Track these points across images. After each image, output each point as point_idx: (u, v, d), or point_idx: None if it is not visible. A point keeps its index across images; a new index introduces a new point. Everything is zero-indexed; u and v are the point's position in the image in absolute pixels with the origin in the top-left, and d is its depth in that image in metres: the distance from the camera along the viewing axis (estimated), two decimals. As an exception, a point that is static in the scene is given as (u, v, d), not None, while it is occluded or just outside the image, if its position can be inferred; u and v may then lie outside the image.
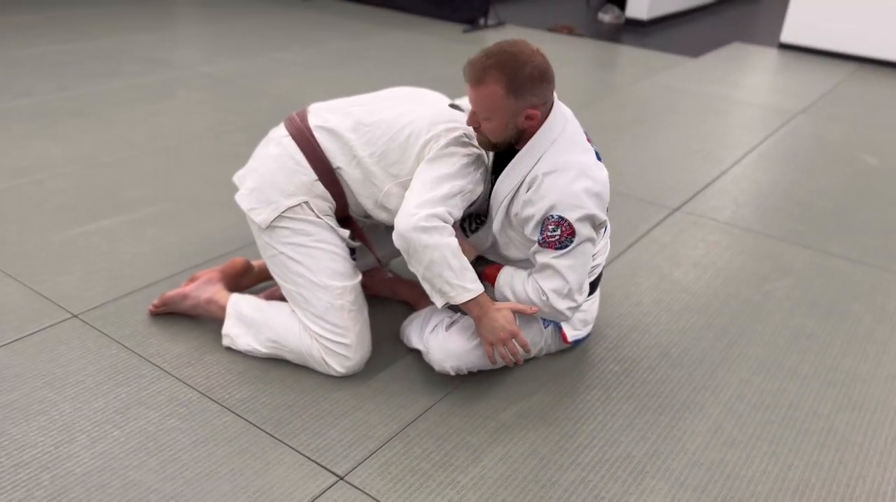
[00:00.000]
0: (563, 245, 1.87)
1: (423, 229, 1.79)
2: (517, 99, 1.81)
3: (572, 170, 1.86)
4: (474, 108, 1.85)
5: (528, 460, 1.81)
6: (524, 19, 7.19)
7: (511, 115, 1.83)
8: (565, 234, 1.86)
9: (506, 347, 1.91)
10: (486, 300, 1.89)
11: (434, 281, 1.85)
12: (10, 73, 4.41)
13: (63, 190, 2.99)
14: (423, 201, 1.82)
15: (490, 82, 1.79)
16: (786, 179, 3.66)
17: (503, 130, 1.87)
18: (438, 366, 1.99)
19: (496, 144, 1.91)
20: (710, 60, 6.05)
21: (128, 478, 1.66)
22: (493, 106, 1.82)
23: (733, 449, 1.90)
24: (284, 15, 6.59)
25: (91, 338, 2.12)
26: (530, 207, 1.88)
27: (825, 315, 2.52)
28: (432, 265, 1.82)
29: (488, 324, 1.88)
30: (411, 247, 1.82)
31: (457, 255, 1.83)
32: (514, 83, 1.79)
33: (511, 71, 1.78)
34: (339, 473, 1.73)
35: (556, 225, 1.85)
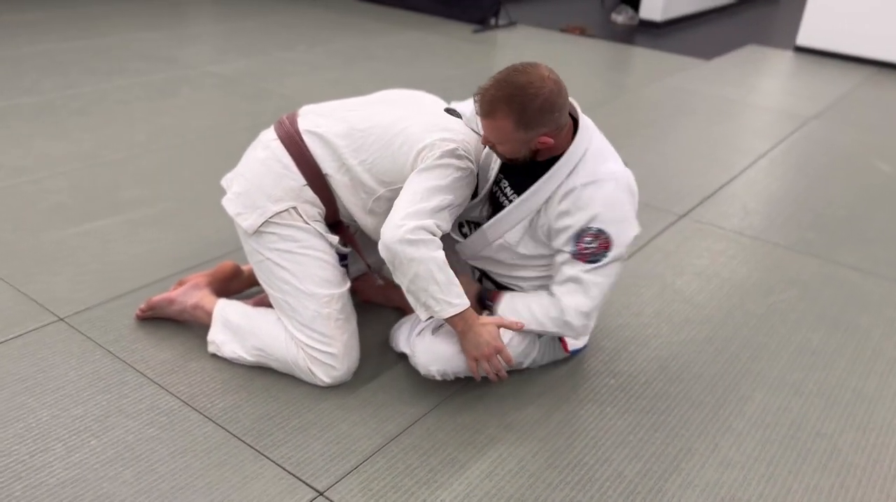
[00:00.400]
0: (595, 259, 1.84)
1: (409, 242, 1.74)
2: (527, 131, 1.77)
3: (612, 181, 1.84)
4: (486, 135, 1.82)
5: (516, 477, 1.75)
6: (536, 19, 7.12)
7: (523, 143, 1.80)
8: (601, 248, 1.83)
9: (490, 363, 1.85)
10: (472, 315, 1.84)
11: (419, 294, 1.80)
12: (15, 71, 4.41)
13: (60, 189, 2.97)
14: (412, 212, 1.77)
15: (499, 116, 1.75)
16: (797, 186, 3.58)
17: (517, 153, 1.84)
18: (424, 370, 1.94)
19: (513, 160, 1.87)
20: (723, 63, 5.95)
21: (101, 491, 1.62)
22: (503, 138, 1.79)
23: (729, 470, 1.83)
24: (293, 14, 6.56)
25: (76, 342, 2.08)
26: (567, 218, 1.83)
27: (832, 328, 2.44)
28: (417, 279, 1.77)
29: (473, 339, 1.83)
30: (396, 259, 1.77)
31: (442, 269, 1.77)
32: (524, 118, 1.74)
33: (520, 105, 1.73)
34: (319, 488, 1.68)
35: (593, 237, 1.82)
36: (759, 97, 5.05)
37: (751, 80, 5.48)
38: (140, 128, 3.65)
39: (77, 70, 4.50)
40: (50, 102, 3.92)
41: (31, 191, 2.93)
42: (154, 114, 3.87)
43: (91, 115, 3.78)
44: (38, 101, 3.92)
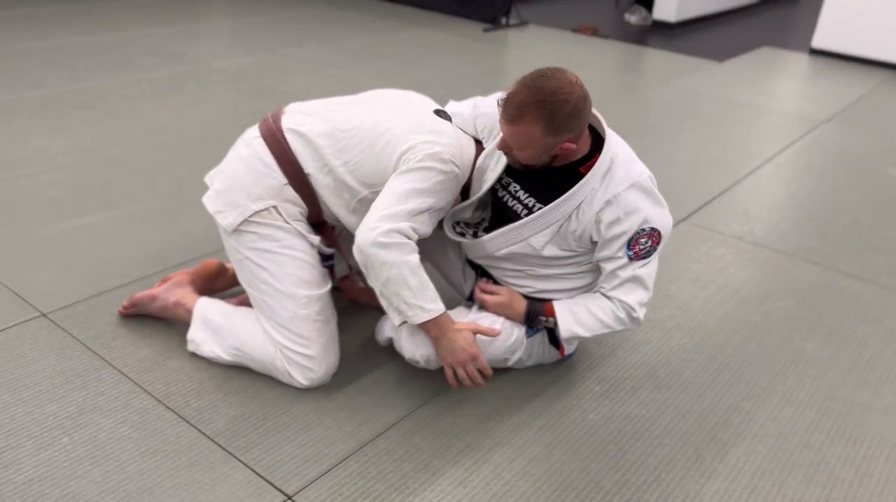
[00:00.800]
0: (647, 254, 1.87)
1: (381, 245, 1.72)
2: (555, 137, 1.74)
3: (646, 181, 1.84)
4: (508, 140, 1.78)
5: (490, 485, 1.72)
6: (548, 19, 7.07)
7: (547, 149, 1.77)
8: (654, 244, 1.86)
9: (466, 370, 1.82)
10: (446, 320, 1.81)
11: (391, 299, 1.77)
12: (24, 64, 4.43)
13: (56, 183, 2.97)
14: (387, 215, 1.74)
15: (528, 122, 1.71)
16: (802, 191, 3.51)
17: (537, 160, 1.81)
18: (409, 355, 1.91)
19: (529, 167, 1.84)
20: (735, 65, 5.87)
21: (68, 489, 1.61)
22: (528, 144, 1.75)
23: (711, 481, 1.78)
24: (303, 10, 6.55)
25: (56, 338, 2.07)
26: (618, 226, 1.81)
27: (827, 338, 2.38)
28: (389, 283, 1.75)
29: (447, 345, 1.80)
30: (369, 262, 1.75)
31: (416, 274, 1.75)
32: (553, 124, 1.71)
33: (550, 112, 1.69)
34: (289, 492, 1.65)
35: (648, 237, 1.84)
36: (771, 100, 4.98)
37: (763, 83, 5.40)
38: (141, 124, 3.65)
39: (84, 65, 4.52)
40: (54, 96, 3.93)
41: (27, 186, 2.93)
42: (156, 110, 3.87)
43: (93, 110, 3.79)
44: (42, 95, 3.94)
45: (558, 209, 1.84)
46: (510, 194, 1.93)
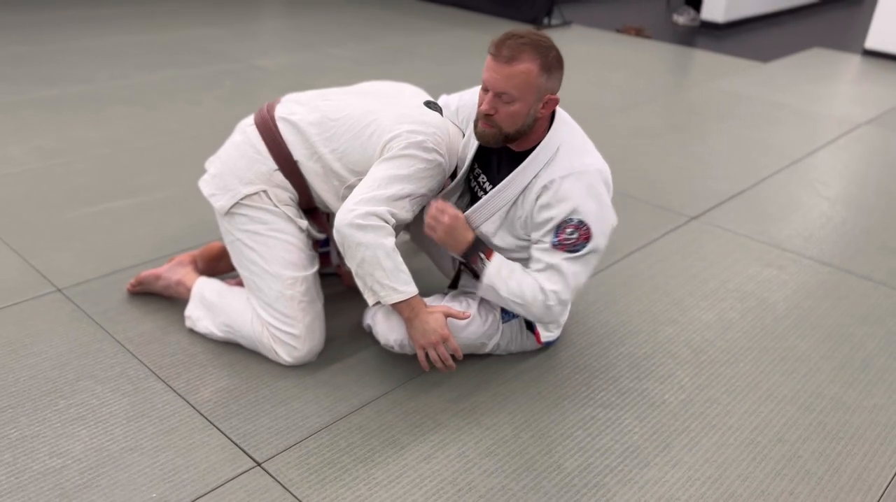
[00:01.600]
0: (576, 249, 1.85)
1: (358, 226, 1.79)
2: (547, 79, 1.79)
3: (590, 175, 1.84)
4: (501, 88, 1.77)
5: (453, 462, 1.77)
6: (593, 20, 7.05)
7: (537, 96, 1.79)
8: (581, 238, 1.84)
9: (437, 351, 1.88)
10: (418, 302, 1.87)
11: (365, 278, 1.85)
12: (78, 61, 4.68)
13: (87, 171, 3.15)
14: (366, 198, 1.82)
15: (526, 59, 1.75)
16: (826, 192, 3.44)
17: (524, 117, 1.81)
18: (383, 339, 1.98)
19: (508, 135, 1.83)
20: (780, 66, 5.76)
21: (57, 446, 1.74)
22: (525, 84, 1.77)
23: (676, 469, 1.80)
24: (349, 13, 6.71)
25: (66, 311, 2.22)
26: (547, 211, 1.84)
27: (824, 337, 2.35)
28: (364, 263, 1.82)
29: (419, 327, 1.86)
30: (346, 242, 1.82)
31: (390, 256, 1.82)
32: (547, 63, 1.78)
33: (544, 51, 1.77)
34: (258, 459, 1.74)
35: (574, 228, 1.84)
36: (811, 102, 4.87)
37: (806, 85, 5.28)
38: (174, 118, 3.83)
39: (132, 62, 4.74)
40: (99, 91, 4.15)
41: (60, 173, 3.12)
42: (192, 104, 4.05)
43: (133, 105, 3.98)
44: (87, 90, 4.16)
45: (501, 194, 1.88)
46: (479, 184, 1.99)
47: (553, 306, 1.88)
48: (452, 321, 1.95)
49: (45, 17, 5.73)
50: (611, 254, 2.76)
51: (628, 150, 3.81)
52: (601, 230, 1.86)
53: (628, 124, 4.20)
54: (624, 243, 2.85)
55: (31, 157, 3.25)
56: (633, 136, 4.01)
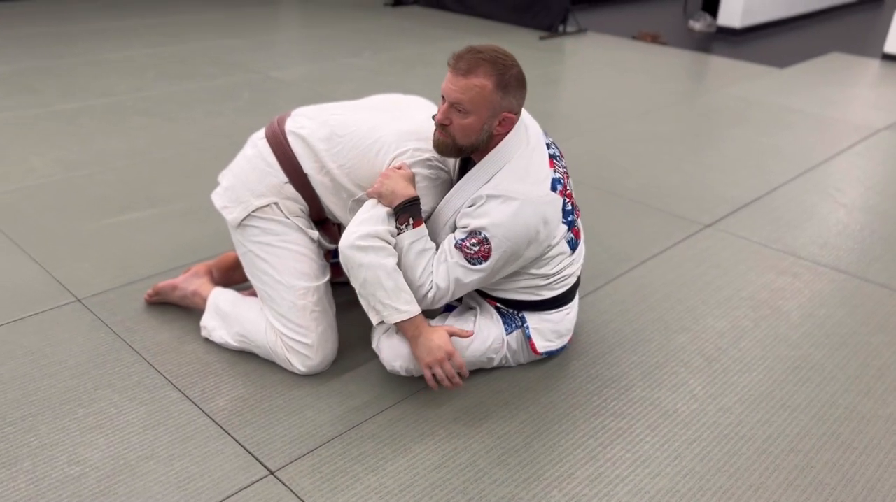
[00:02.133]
0: (472, 261, 1.88)
1: (358, 248, 1.83)
2: (502, 97, 1.82)
3: (516, 202, 1.85)
4: (455, 98, 1.82)
5: (464, 471, 1.79)
6: (608, 27, 7.05)
7: (491, 113, 1.83)
8: (480, 254, 1.87)
9: (443, 368, 1.90)
10: (422, 321, 1.90)
11: (368, 299, 1.89)
12: (98, 73, 4.76)
13: (108, 183, 3.21)
14: (366, 218, 1.86)
15: (481, 73, 1.79)
16: (843, 199, 3.42)
17: (478, 131, 1.85)
18: (388, 366, 2.00)
19: (462, 148, 1.88)
20: (797, 71, 5.72)
21: (75, 455, 1.77)
22: (478, 98, 1.80)
23: (686, 479, 1.80)
24: (366, 22, 6.76)
25: (86, 321, 2.26)
26: (467, 218, 1.88)
27: (838, 346, 2.34)
28: (366, 284, 1.86)
29: (424, 345, 1.89)
30: (348, 263, 1.87)
31: (391, 276, 1.85)
32: (503, 80, 1.81)
33: (501, 68, 1.81)
34: (272, 468, 1.77)
35: (479, 242, 1.86)
36: (827, 107, 4.84)
37: (823, 90, 5.25)
38: (193, 129, 3.88)
39: (152, 74, 4.82)
40: (119, 103, 4.22)
41: (82, 184, 3.18)
42: (210, 115, 4.10)
43: (153, 116, 4.05)
44: (109, 102, 4.23)
45: (446, 207, 1.93)
46: None
47: (428, 295, 1.92)
48: (458, 342, 1.98)
49: (64, 30, 5.83)
50: (624, 261, 2.77)
51: (643, 157, 3.81)
52: (502, 255, 1.87)
53: (643, 131, 4.20)
54: (637, 251, 2.85)
55: (52, 169, 3.31)
56: (647, 143, 4.01)
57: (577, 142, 4.00)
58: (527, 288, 2.02)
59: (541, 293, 2.03)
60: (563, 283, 2.05)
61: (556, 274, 2.01)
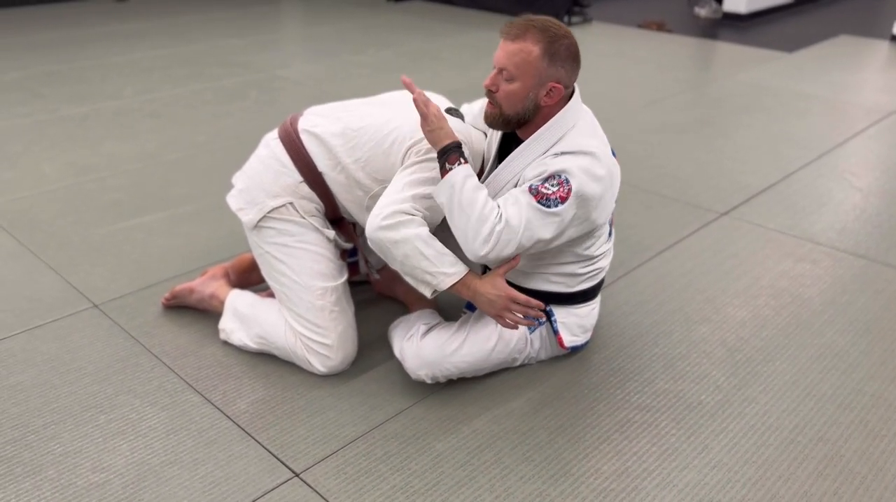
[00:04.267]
0: (547, 202, 1.77)
1: (387, 227, 1.79)
2: (549, 65, 1.79)
3: (591, 156, 1.81)
4: (503, 64, 1.80)
5: (490, 468, 1.77)
6: (613, 15, 7.00)
7: (537, 81, 1.80)
8: (558, 195, 1.77)
9: (512, 314, 1.85)
10: (472, 279, 1.84)
11: (414, 273, 1.83)
12: (105, 77, 4.75)
13: (119, 187, 3.20)
14: (389, 201, 1.82)
15: (529, 39, 1.78)
16: (858, 184, 3.39)
17: (523, 98, 1.82)
18: (413, 375, 1.98)
19: (509, 118, 1.85)
20: (806, 55, 5.67)
21: (99, 461, 1.76)
22: (524, 63, 1.78)
23: (715, 471, 1.78)
24: (369, 18, 6.73)
25: (104, 327, 2.25)
26: (540, 168, 1.81)
27: (863, 332, 2.31)
28: (407, 259, 1.81)
29: (483, 301, 1.84)
30: (382, 246, 1.82)
31: (429, 243, 1.80)
32: (551, 48, 1.78)
33: (551, 36, 1.79)
34: (297, 470, 1.76)
35: (559, 183, 1.77)
36: (838, 91, 4.79)
37: (833, 73, 5.20)
38: (202, 130, 3.87)
39: (158, 76, 4.81)
40: (127, 106, 4.21)
41: (94, 189, 3.17)
42: (218, 116, 4.09)
43: (160, 118, 4.04)
44: (117, 105, 4.22)
45: (508, 167, 1.89)
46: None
47: (495, 230, 1.76)
48: (480, 347, 1.98)
49: (71, 35, 5.83)
50: (641, 252, 2.75)
51: (654, 147, 3.78)
52: (578, 203, 1.78)
53: (653, 120, 4.17)
54: (654, 241, 2.83)
55: (64, 174, 3.31)
56: (658, 132, 3.98)
57: (587, 133, 3.97)
58: (565, 274, 1.98)
59: (573, 284, 2.01)
60: (596, 276, 2.04)
61: (597, 257, 1.99)
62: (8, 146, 3.62)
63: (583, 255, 1.97)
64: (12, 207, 3.00)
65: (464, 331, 1.99)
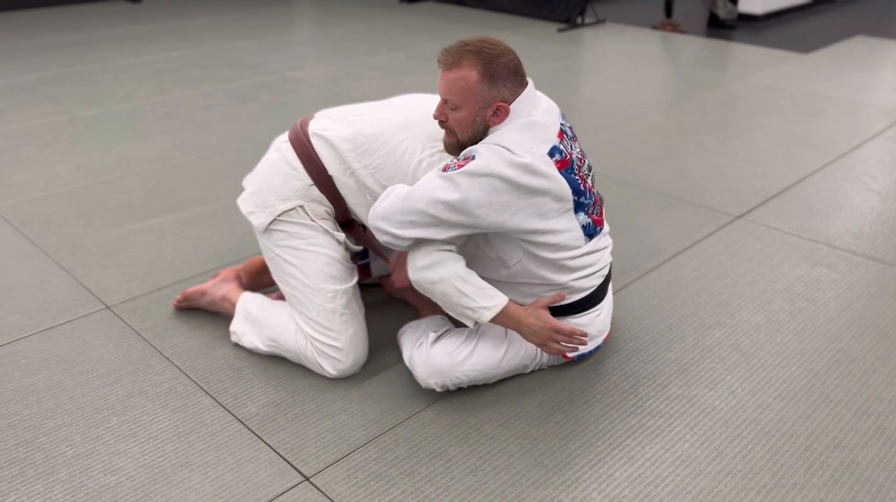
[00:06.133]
0: (449, 170, 1.77)
1: (425, 268, 1.82)
2: (490, 87, 1.80)
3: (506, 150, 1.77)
4: (445, 95, 1.82)
5: (501, 474, 1.76)
6: (627, 17, 6.97)
7: (481, 104, 1.81)
8: (458, 165, 1.78)
9: (556, 344, 1.90)
10: (514, 309, 1.88)
11: (455, 309, 1.87)
12: (117, 80, 4.77)
13: (131, 189, 3.21)
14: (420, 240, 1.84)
15: (465, 66, 1.79)
16: (876, 187, 3.35)
17: (471, 123, 1.83)
18: (423, 384, 1.97)
19: (463, 144, 1.87)
20: (821, 56, 5.62)
21: (110, 464, 1.76)
22: (465, 90, 1.79)
23: (728, 478, 1.76)
24: (382, 19, 6.73)
25: (116, 329, 2.26)
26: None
27: (879, 337, 2.28)
28: (447, 297, 1.84)
29: (527, 331, 1.89)
30: (422, 287, 1.86)
31: (466, 281, 1.83)
32: (489, 70, 1.79)
33: (487, 58, 1.79)
34: (307, 474, 1.75)
35: (465, 157, 1.80)
36: (854, 92, 4.75)
37: (849, 74, 5.15)
38: (214, 132, 3.88)
39: (170, 78, 4.82)
40: (139, 108, 4.23)
41: (105, 191, 3.18)
42: (230, 118, 4.10)
43: (172, 120, 4.05)
44: (129, 108, 4.24)
45: None
46: None
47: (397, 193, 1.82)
48: (490, 356, 1.97)
49: (83, 37, 5.86)
50: (655, 256, 2.72)
51: (669, 149, 3.75)
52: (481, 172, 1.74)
53: (668, 122, 4.14)
54: (667, 245, 2.81)
55: (76, 176, 3.32)
56: (673, 134, 3.95)
57: (601, 134, 3.95)
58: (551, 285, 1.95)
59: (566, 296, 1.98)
60: (582, 290, 1.99)
61: (578, 268, 1.94)
62: (21, 148, 3.64)
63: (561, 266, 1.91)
64: (26, 209, 3.01)
65: (473, 339, 1.98)
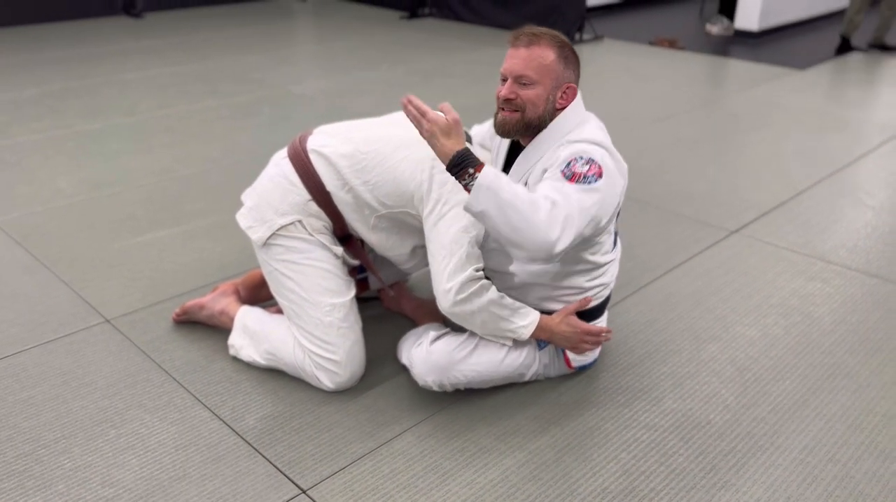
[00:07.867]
0: (585, 179, 1.71)
1: (461, 301, 1.87)
2: (564, 67, 1.85)
3: (605, 148, 1.81)
4: (522, 70, 1.82)
5: (496, 487, 1.77)
6: (625, 33, 7.03)
7: (555, 83, 1.85)
8: (592, 171, 1.73)
9: (587, 345, 2.01)
10: (546, 322, 1.97)
11: (495, 333, 1.95)
12: (121, 94, 4.82)
13: (134, 201, 3.24)
14: (450, 272, 1.87)
15: (544, 44, 1.84)
16: (870, 202, 3.37)
17: (544, 100, 1.85)
18: (421, 381, 1.99)
19: (530, 122, 1.86)
20: (818, 72, 5.67)
21: (109, 477, 1.78)
22: (542, 67, 1.82)
23: (723, 492, 1.77)
24: (383, 35, 6.79)
25: (115, 342, 2.28)
26: (552, 159, 1.82)
27: (873, 352, 2.30)
28: (485, 324, 1.91)
29: (560, 340, 2.00)
30: (460, 319, 1.91)
31: (502, 305, 1.91)
32: (563, 52, 1.86)
33: (561, 41, 1.87)
34: (304, 486, 1.76)
35: (587, 162, 1.75)
36: (850, 108, 4.78)
37: (845, 90, 5.19)
38: (216, 146, 3.91)
39: (174, 92, 4.86)
40: (142, 122, 4.27)
41: (108, 204, 3.21)
42: (232, 132, 4.13)
43: (175, 134, 4.08)
44: (132, 121, 4.28)
45: (521, 164, 1.91)
46: None
47: (556, 214, 1.64)
48: (491, 357, 2.00)
49: (87, 52, 5.91)
50: (651, 270, 2.74)
51: (665, 163, 3.78)
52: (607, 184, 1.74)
53: (665, 136, 4.18)
54: (663, 259, 2.83)
55: (78, 189, 3.35)
56: (669, 149, 3.98)
57: (598, 150, 3.98)
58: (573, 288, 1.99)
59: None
60: (600, 294, 2.04)
61: (603, 265, 1.99)
62: (24, 161, 3.67)
63: (590, 262, 1.96)
64: (27, 221, 3.04)
65: (474, 339, 2.00)
